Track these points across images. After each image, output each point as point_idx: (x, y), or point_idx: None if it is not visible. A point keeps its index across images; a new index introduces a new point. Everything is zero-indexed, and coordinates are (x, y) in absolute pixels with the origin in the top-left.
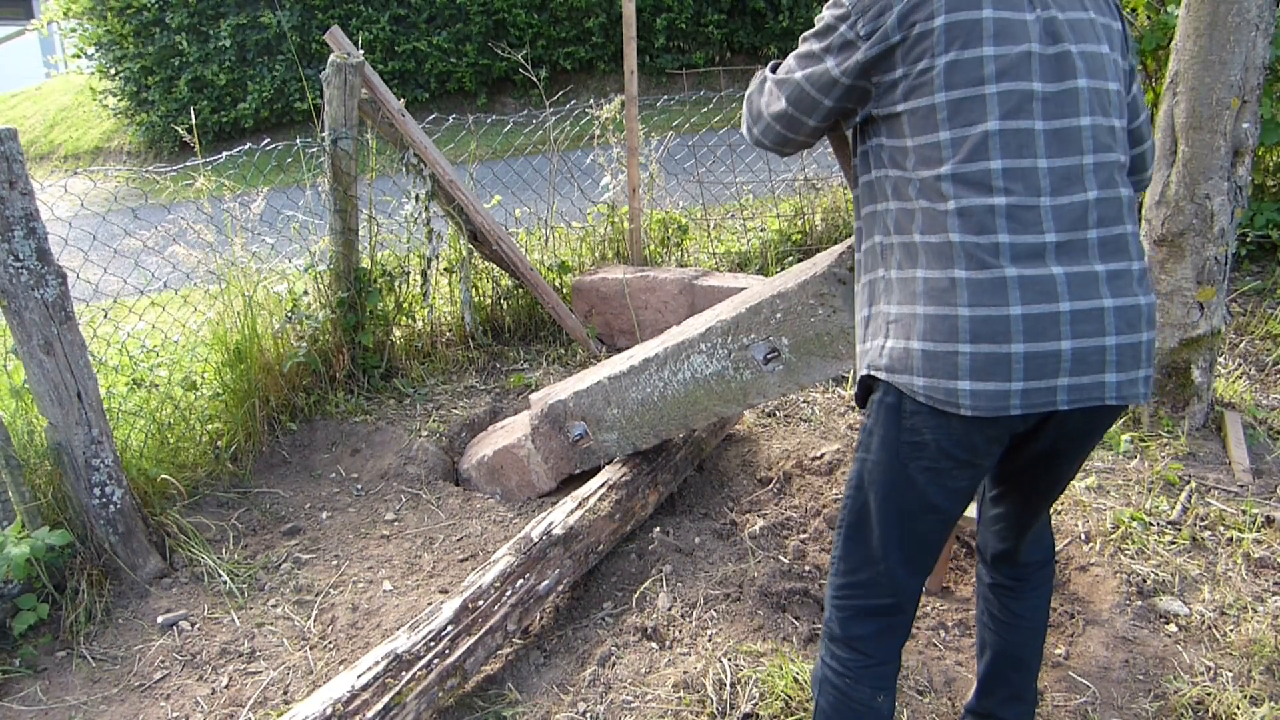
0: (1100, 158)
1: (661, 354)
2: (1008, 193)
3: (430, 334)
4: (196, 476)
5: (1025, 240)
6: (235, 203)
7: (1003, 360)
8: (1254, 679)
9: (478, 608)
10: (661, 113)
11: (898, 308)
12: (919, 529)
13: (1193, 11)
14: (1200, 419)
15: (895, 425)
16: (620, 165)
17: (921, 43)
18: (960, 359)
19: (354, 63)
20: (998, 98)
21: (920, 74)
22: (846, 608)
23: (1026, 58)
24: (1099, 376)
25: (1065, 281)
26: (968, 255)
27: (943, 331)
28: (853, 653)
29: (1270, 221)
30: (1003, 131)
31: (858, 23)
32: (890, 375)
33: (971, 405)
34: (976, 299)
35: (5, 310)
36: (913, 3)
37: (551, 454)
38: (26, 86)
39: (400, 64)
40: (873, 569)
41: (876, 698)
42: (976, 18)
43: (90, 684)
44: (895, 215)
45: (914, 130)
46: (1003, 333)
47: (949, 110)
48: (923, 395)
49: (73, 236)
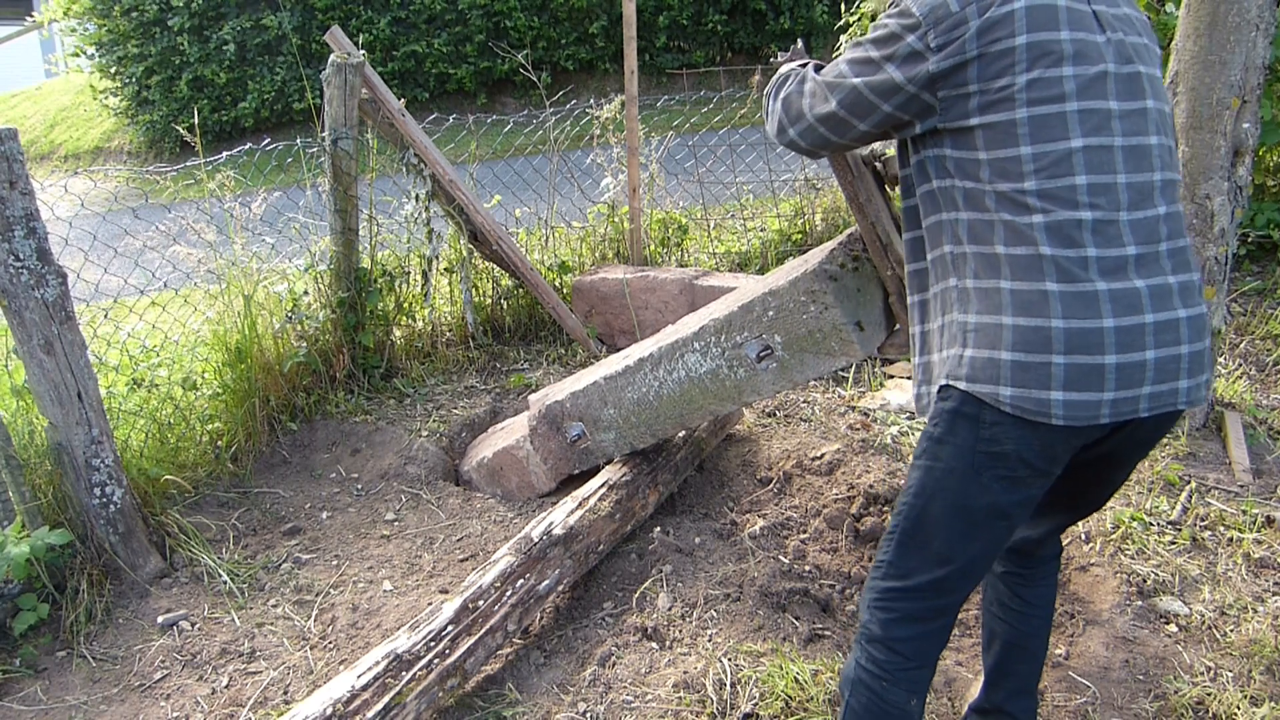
0: (1166, 175)
1: (656, 353)
2: (1093, 207)
3: (430, 334)
4: (196, 476)
5: (1110, 254)
6: (235, 203)
7: (1096, 371)
8: (1254, 679)
9: (478, 608)
10: (661, 113)
11: (978, 317)
12: (986, 537)
13: (1193, 11)
14: (1200, 419)
15: (973, 435)
16: (620, 165)
17: (1001, 60)
18: (1055, 369)
19: (354, 63)
20: (1079, 115)
21: (1000, 90)
22: (893, 609)
23: (1103, 77)
24: (1174, 384)
25: (1147, 293)
26: (1058, 268)
27: (1035, 343)
28: (892, 655)
29: (1270, 221)
30: (1086, 148)
31: (928, 34)
32: (971, 385)
33: (1065, 415)
34: (1070, 311)
35: (5, 310)
36: (992, 20)
37: (550, 455)
38: (26, 86)
39: (400, 64)
40: (929, 575)
41: (910, 701)
42: (1056, 39)
43: (90, 684)
44: (969, 225)
45: (989, 144)
46: (1096, 344)
47: (1031, 126)
48: (1009, 405)
49: (73, 236)
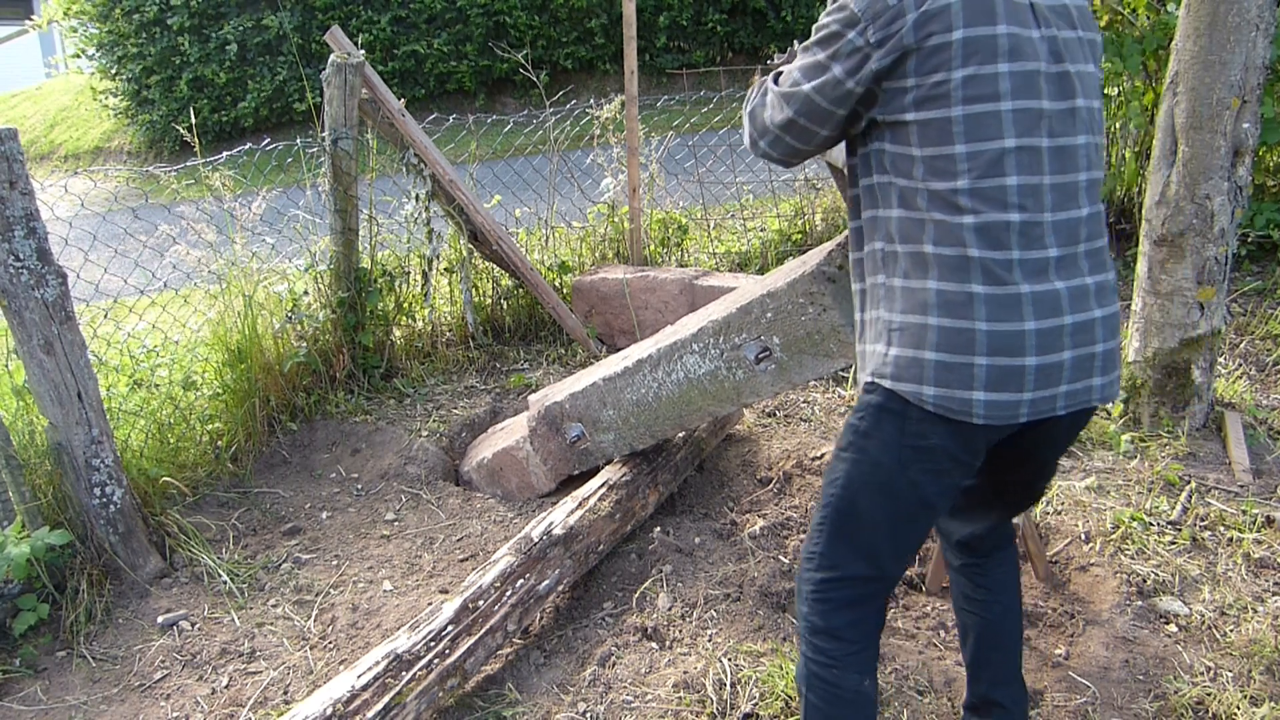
0: (1090, 175)
1: (655, 355)
2: (1021, 209)
3: (430, 334)
4: (196, 476)
5: (1034, 256)
6: (235, 203)
7: (1017, 372)
8: (1254, 679)
9: (478, 608)
10: (661, 113)
11: (903, 316)
12: (914, 526)
13: (1193, 11)
14: (1200, 419)
15: (898, 430)
16: (620, 165)
17: (938, 55)
18: (977, 370)
19: (354, 62)
20: (1013, 115)
21: (935, 85)
22: (829, 600)
23: (1036, 76)
24: (1089, 381)
25: (1067, 295)
26: (985, 270)
27: (959, 344)
28: (837, 642)
29: (1270, 221)
30: (1019, 149)
31: (868, 29)
32: (896, 384)
33: (985, 415)
34: (994, 314)
35: (5, 310)
36: (929, 13)
37: (550, 455)
38: (26, 86)
39: (400, 64)
40: (861, 563)
41: (864, 682)
42: (992, 34)
43: (90, 684)
44: (900, 223)
45: (923, 141)
46: (1018, 347)
47: (966, 124)
48: (932, 404)
49: (73, 236)
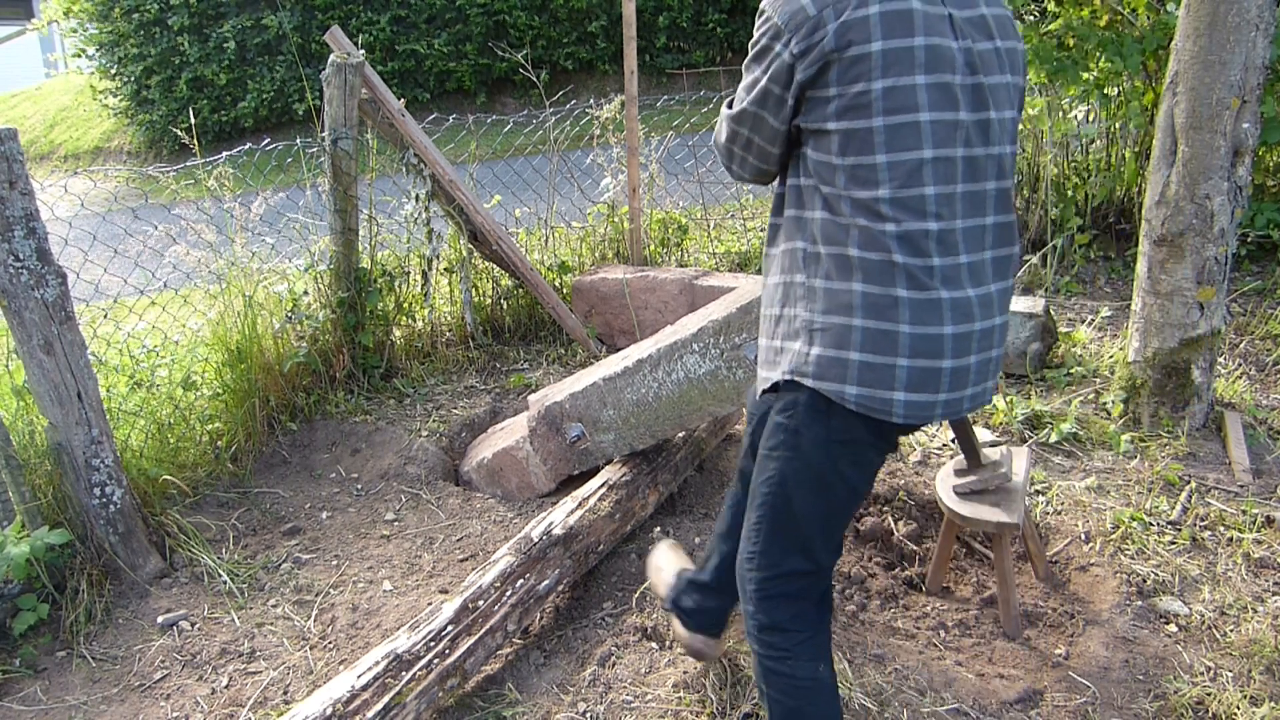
0: (1000, 184)
1: (655, 354)
2: (938, 218)
3: (430, 334)
4: (196, 476)
5: (949, 262)
6: (235, 203)
7: (934, 374)
8: (1254, 679)
9: (478, 608)
10: (661, 113)
11: (825, 317)
12: (844, 515)
13: (1193, 11)
14: (1200, 419)
15: (825, 428)
16: (620, 165)
17: (857, 65)
18: (899, 371)
19: (354, 63)
20: (931, 126)
21: (856, 96)
22: (772, 596)
23: (952, 87)
24: (984, 384)
25: (976, 302)
26: (909, 276)
27: (883, 345)
28: (784, 634)
29: (1270, 221)
30: (935, 159)
31: (791, 40)
32: (818, 383)
33: (904, 414)
34: (917, 318)
35: (5, 310)
36: (848, 24)
37: (550, 455)
38: (26, 86)
39: (400, 64)
40: (796, 557)
41: (818, 668)
42: (910, 45)
43: (90, 684)
44: (824, 226)
45: (845, 150)
46: (937, 350)
47: (886, 135)
48: (854, 403)
49: (73, 236)
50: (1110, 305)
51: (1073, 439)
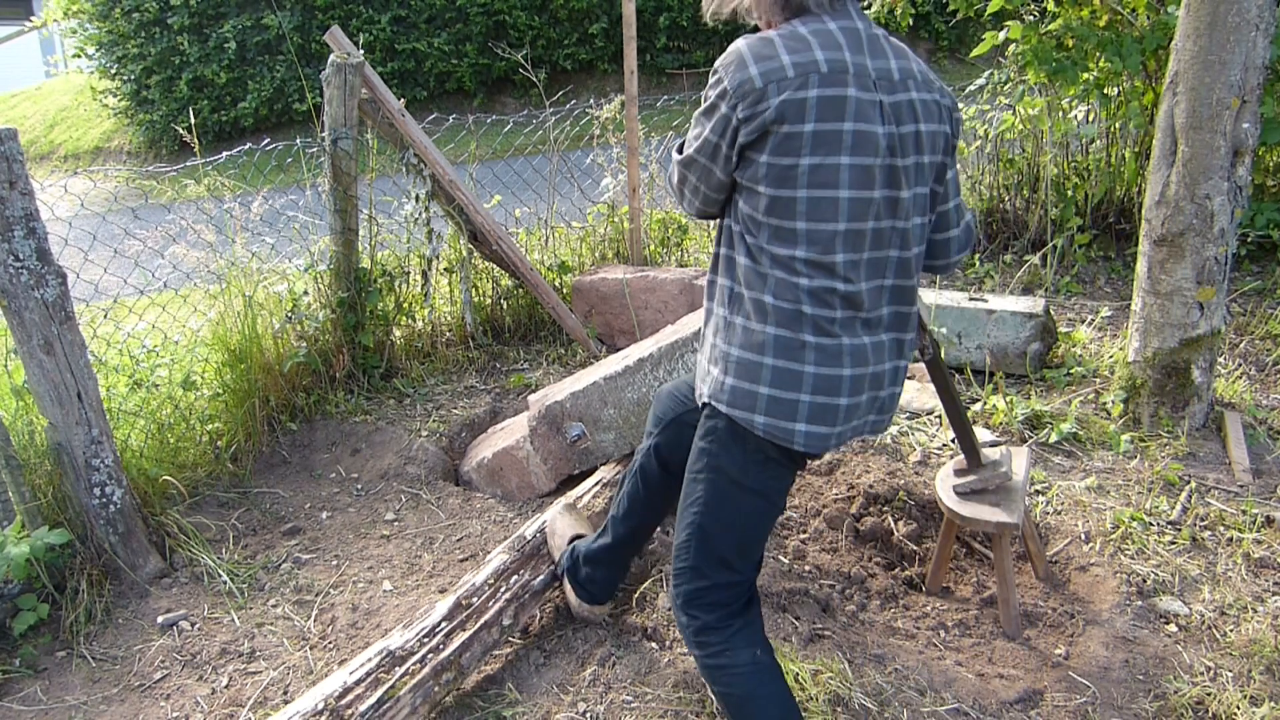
0: (902, 253)
1: (656, 354)
2: (846, 280)
3: (430, 334)
4: (196, 476)
5: (850, 315)
6: (235, 203)
7: (832, 409)
8: (1254, 679)
9: (471, 604)
10: (661, 113)
11: (740, 351)
12: (765, 525)
13: (1193, 11)
14: (1200, 419)
15: (742, 449)
16: (620, 165)
17: (790, 140)
18: (801, 405)
19: (354, 63)
20: (848, 202)
21: (785, 168)
22: (701, 605)
23: (872, 169)
24: (878, 417)
25: (871, 349)
26: (815, 324)
27: (789, 382)
28: (715, 632)
29: (1270, 221)
30: (848, 231)
31: (738, 106)
32: (732, 410)
33: (804, 443)
34: (821, 360)
35: (5, 310)
36: (788, 102)
37: (550, 455)
38: (26, 86)
39: (400, 64)
40: (724, 571)
41: (755, 653)
42: (839, 129)
43: (90, 684)
44: (746, 272)
45: (770, 212)
46: (836, 388)
47: (808, 205)
48: (761, 431)
49: (73, 236)
50: (1110, 305)
51: (1073, 439)
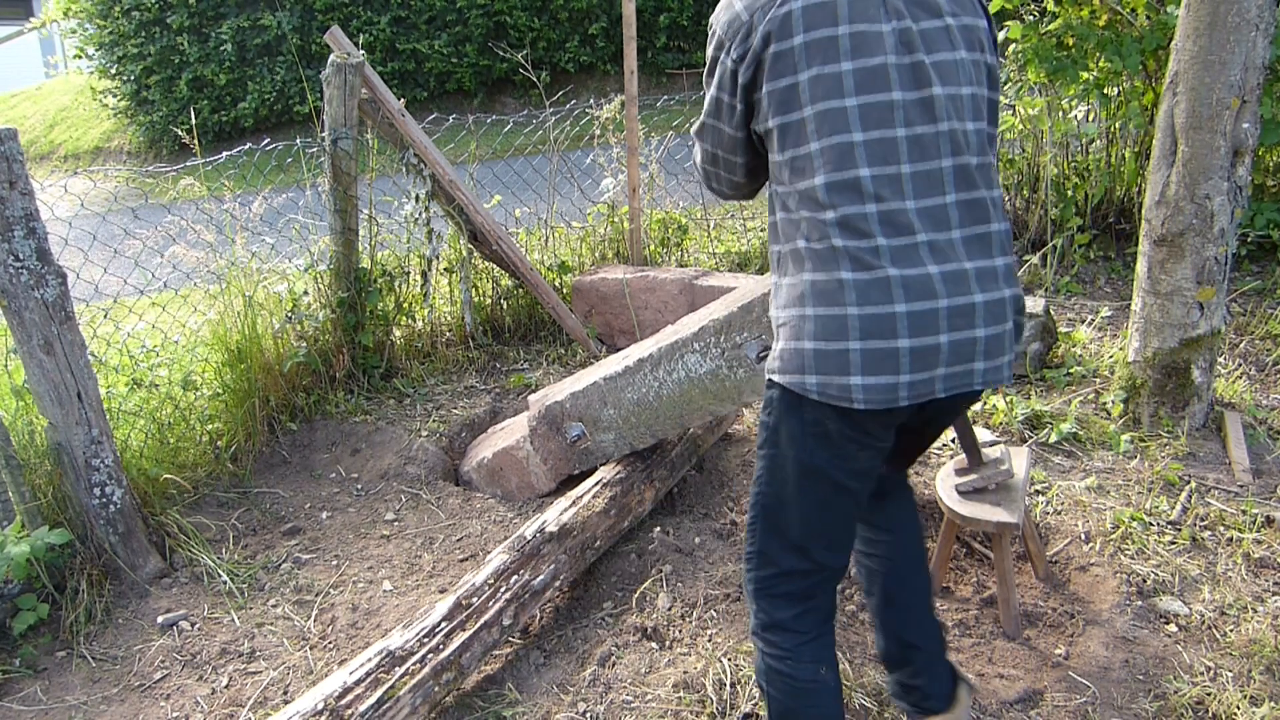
0: (957, 160)
1: (656, 354)
2: (878, 199)
3: (430, 334)
4: (196, 476)
5: (900, 242)
6: (235, 203)
7: (891, 355)
8: (1254, 679)
9: (471, 604)
10: (661, 113)
11: (784, 311)
12: (835, 510)
13: (1193, 11)
14: (1200, 419)
15: (799, 420)
16: (620, 165)
17: (783, 60)
18: (852, 355)
19: (354, 63)
20: (859, 110)
21: (786, 90)
22: (773, 595)
23: (883, 69)
24: (969, 365)
25: (940, 279)
26: (852, 258)
27: (833, 330)
28: (786, 634)
29: (1270, 221)
30: (867, 142)
31: (730, 47)
32: (783, 376)
33: (864, 399)
34: (864, 298)
35: (5, 310)
36: (772, 21)
37: (550, 455)
38: (26, 86)
39: (400, 64)
40: (793, 556)
41: (820, 670)
42: (833, 34)
43: (90, 684)
44: (782, 226)
45: (784, 144)
46: (890, 329)
47: (816, 123)
48: (815, 393)
49: (73, 236)
50: (1110, 305)
51: (1073, 439)
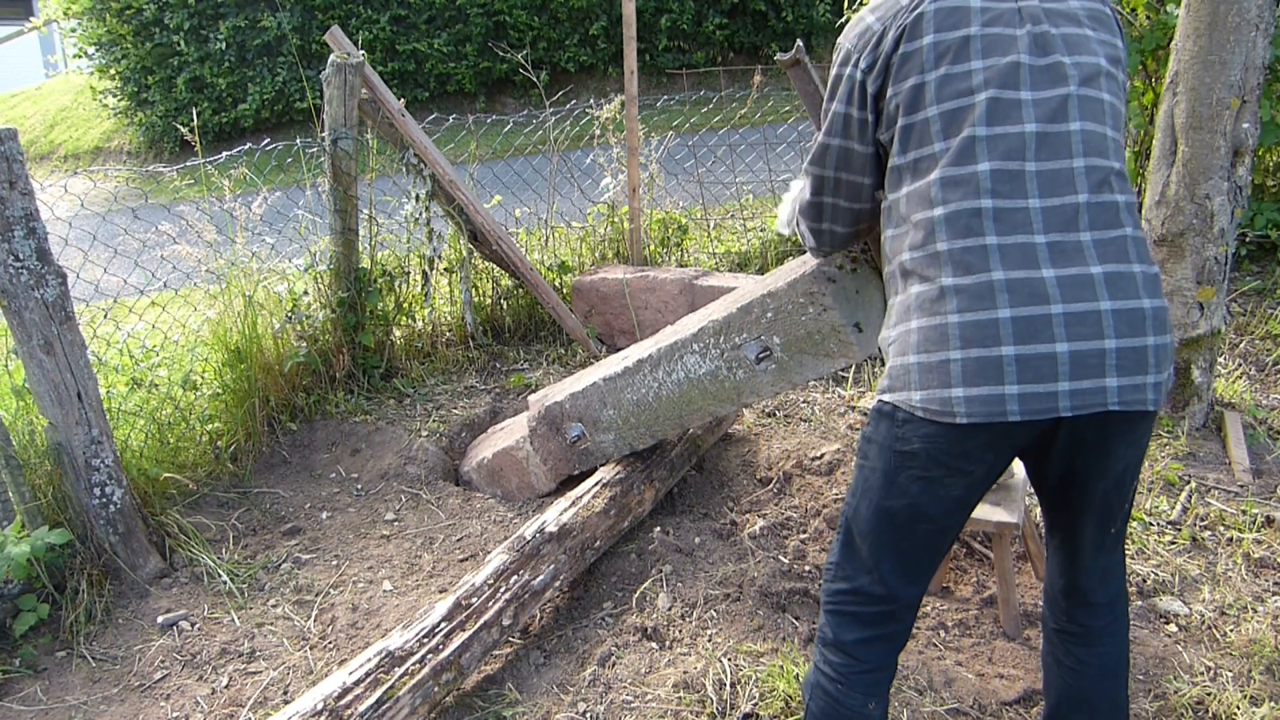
0: (1091, 161)
1: (655, 354)
2: (995, 194)
3: (430, 334)
4: (196, 476)
5: (1013, 241)
6: (235, 203)
7: (993, 363)
8: (1254, 679)
9: (471, 605)
10: (661, 113)
11: (893, 330)
12: (912, 537)
13: (1193, 11)
14: (1200, 419)
15: (890, 434)
16: (620, 165)
17: (911, 60)
18: (953, 366)
19: (354, 63)
20: (985, 104)
21: (913, 90)
22: (841, 613)
23: (1015, 68)
24: (1099, 381)
25: (1056, 284)
26: (955, 262)
27: (935, 340)
28: (846, 658)
29: (1270, 221)
30: (990, 136)
31: (859, 58)
32: (890, 394)
33: (966, 412)
34: (965, 304)
35: (5, 310)
36: (904, 26)
37: (550, 455)
38: (26, 86)
39: (400, 64)
40: (866, 576)
41: (868, 704)
42: (965, 35)
43: (90, 684)
44: (890, 242)
45: (907, 145)
46: (991, 336)
47: (942, 121)
48: (920, 410)
49: (73, 236)
50: None
51: None
